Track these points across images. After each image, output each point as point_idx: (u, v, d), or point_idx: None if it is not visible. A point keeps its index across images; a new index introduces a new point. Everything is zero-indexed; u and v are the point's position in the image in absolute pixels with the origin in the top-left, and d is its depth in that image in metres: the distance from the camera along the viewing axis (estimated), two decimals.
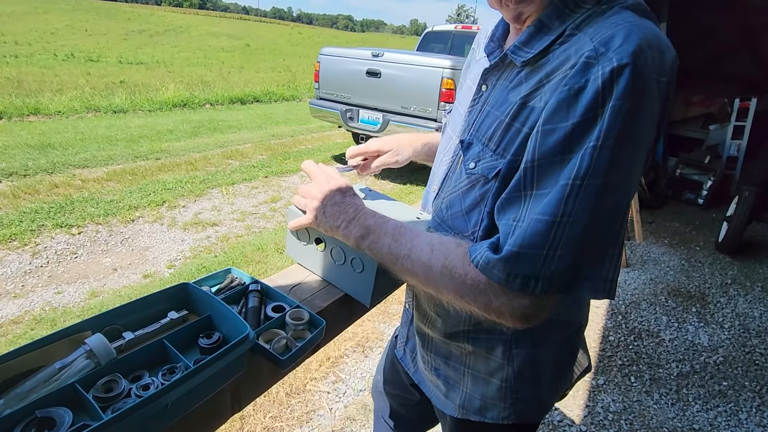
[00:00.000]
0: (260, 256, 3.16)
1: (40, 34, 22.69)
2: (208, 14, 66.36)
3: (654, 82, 0.49)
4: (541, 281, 0.51)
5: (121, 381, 0.56)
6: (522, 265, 0.51)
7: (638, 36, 0.49)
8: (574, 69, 0.50)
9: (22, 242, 3.06)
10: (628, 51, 0.47)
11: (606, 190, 0.49)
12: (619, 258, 0.54)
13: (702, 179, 4.87)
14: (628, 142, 0.49)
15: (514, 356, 0.72)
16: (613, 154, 0.48)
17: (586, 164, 0.49)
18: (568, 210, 0.49)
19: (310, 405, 1.93)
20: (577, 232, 0.50)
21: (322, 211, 0.73)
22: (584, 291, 0.53)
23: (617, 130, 0.48)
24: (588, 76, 0.49)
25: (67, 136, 5.61)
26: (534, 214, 0.51)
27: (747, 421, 2.02)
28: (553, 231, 0.50)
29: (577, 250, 0.50)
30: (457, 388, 0.79)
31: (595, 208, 0.49)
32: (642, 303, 2.95)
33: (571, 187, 0.49)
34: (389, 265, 0.66)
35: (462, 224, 0.67)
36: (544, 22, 0.58)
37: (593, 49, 0.50)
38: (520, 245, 0.51)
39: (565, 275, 0.51)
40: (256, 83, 12.35)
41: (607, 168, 0.49)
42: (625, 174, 0.51)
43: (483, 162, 0.62)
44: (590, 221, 0.50)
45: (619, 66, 0.47)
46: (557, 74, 0.53)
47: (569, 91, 0.50)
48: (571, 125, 0.49)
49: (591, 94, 0.48)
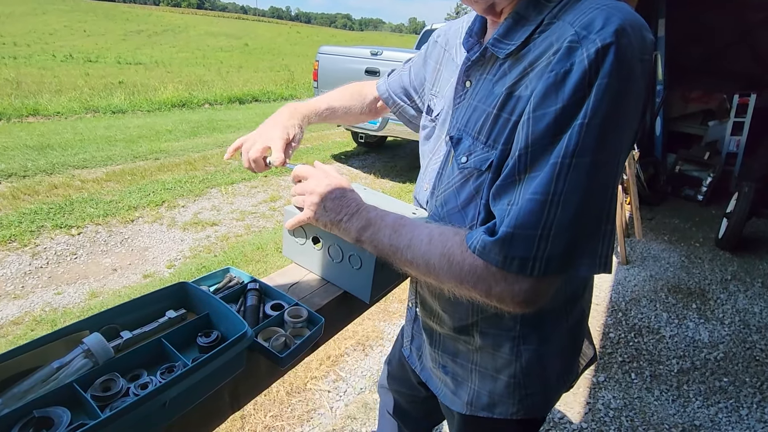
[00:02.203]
0: (260, 256, 3.16)
1: (38, 35, 22.67)
2: (207, 14, 66.28)
3: (638, 61, 0.50)
4: (538, 262, 0.52)
5: (119, 380, 0.56)
6: (518, 246, 0.52)
7: (619, 17, 0.50)
8: (558, 54, 0.51)
9: (22, 243, 3.06)
10: (610, 31, 0.48)
11: (595, 167, 0.50)
12: (612, 234, 0.54)
13: (701, 175, 4.87)
14: (615, 120, 0.50)
15: (522, 352, 0.72)
16: (600, 131, 0.49)
17: (574, 142, 0.49)
18: (559, 189, 0.50)
19: (311, 404, 1.93)
20: (569, 210, 0.50)
21: (322, 206, 0.73)
22: (582, 269, 0.53)
23: (604, 109, 0.49)
24: (573, 59, 0.50)
25: (66, 136, 5.60)
26: (527, 194, 0.52)
27: (748, 417, 2.02)
28: (545, 210, 0.50)
29: (572, 229, 0.51)
30: (465, 384, 0.79)
31: (586, 185, 0.50)
32: (642, 300, 2.95)
33: (561, 165, 0.50)
34: (390, 257, 0.66)
35: (459, 219, 0.67)
36: (521, 13, 0.59)
37: (575, 33, 0.50)
38: (515, 226, 0.52)
39: (562, 254, 0.52)
40: (254, 83, 12.33)
41: (595, 146, 0.49)
42: (613, 152, 0.51)
43: (475, 155, 0.62)
44: (582, 199, 0.50)
45: (603, 46, 0.48)
46: (541, 61, 0.54)
47: (556, 75, 0.51)
48: (560, 108, 0.50)
49: (577, 75, 0.49)
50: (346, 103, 1.03)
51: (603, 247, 0.54)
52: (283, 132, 0.86)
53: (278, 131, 0.86)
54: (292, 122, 0.90)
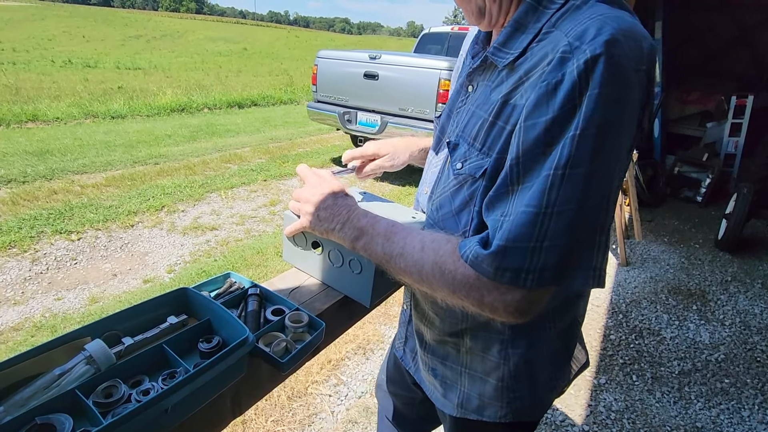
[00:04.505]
0: (260, 260, 3.16)
1: (37, 40, 22.74)
2: (205, 19, 66.51)
3: (632, 71, 0.50)
4: (531, 274, 0.51)
5: (121, 386, 0.56)
6: (511, 259, 0.51)
7: (612, 27, 0.49)
8: (551, 65, 0.51)
9: (22, 249, 3.05)
10: (600, 42, 0.48)
11: (589, 178, 0.50)
12: (606, 246, 0.54)
13: (700, 177, 4.88)
14: (607, 130, 0.50)
15: (510, 356, 0.72)
16: (593, 142, 0.49)
17: (566, 153, 0.49)
18: (552, 200, 0.50)
19: (312, 408, 1.93)
20: (563, 222, 0.50)
21: (316, 215, 0.73)
22: (576, 281, 0.53)
23: (596, 119, 0.49)
24: (564, 70, 0.50)
25: (65, 142, 5.61)
26: (520, 206, 0.52)
27: (750, 419, 2.02)
28: (539, 222, 0.50)
29: (565, 241, 0.51)
30: (455, 387, 0.79)
31: (580, 197, 0.50)
32: (642, 301, 2.95)
33: (554, 177, 0.50)
34: (384, 265, 0.66)
35: (453, 225, 0.67)
36: (519, 21, 0.59)
37: (568, 44, 0.50)
38: (507, 239, 0.51)
39: (556, 267, 0.51)
40: (253, 87, 12.36)
41: (588, 156, 0.49)
42: (607, 162, 0.51)
43: (469, 162, 0.63)
44: (576, 211, 0.50)
45: (592, 57, 0.48)
46: (536, 71, 0.54)
47: (547, 86, 0.51)
48: (551, 118, 0.50)
49: (568, 86, 0.49)
50: None
51: (597, 259, 0.53)
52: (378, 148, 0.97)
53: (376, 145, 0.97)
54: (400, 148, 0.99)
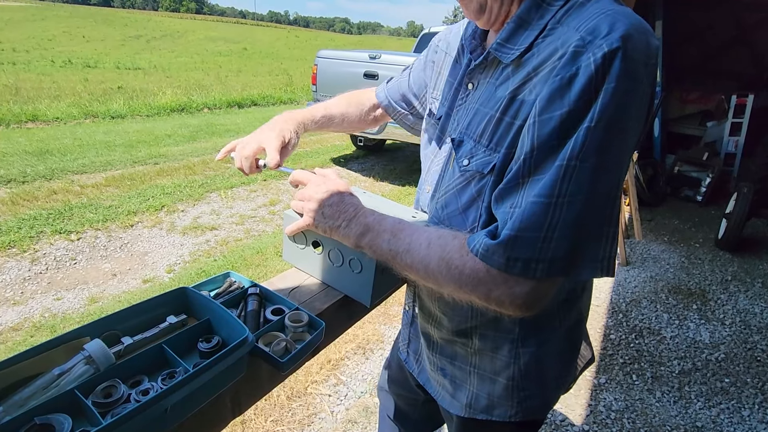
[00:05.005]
0: (260, 260, 3.16)
1: (37, 40, 22.73)
2: (205, 19, 66.51)
3: (643, 66, 0.51)
4: (541, 264, 0.52)
5: (121, 386, 0.55)
6: (521, 249, 0.52)
7: (625, 22, 0.50)
8: (563, 59, 0.51)
9: (21, 249, 3.05)
10: (617, 36, 0.49)
11: (600, 170, 0.50)
12: (615, 236, 0.55)
13: (700, 176, 4.87)
14: (620, 124, 0.50)
15: (521, 355, 0.72)
16: (606, 135, 0.50)
17: (580, 144, 0.50)
18: (563, 190, 0.50)
19: (312, 408, 1.93)
20: (573, 212, 0.50)
21: (321, 213, 0.73)
22: (585, 271, 0.53)
23: (611, 112, 0.49)
24: (579, 63, 0.50)
25: (65, 142, 5.60)
26: (530, 197, 0.52)
27: (750, 418, 2.02)
28: (550, 212, 0.51)
29: (575, 231, 0.51)
30: (464, 387, 0.79)
31: (591, 188, 0.50)
32: (642, 301, 2.95)
33: (566, 167, 0.50)
34: (389, 262, 0.65)
35: (459, 222, 0.67)
36: (523, 17, 0.59)
37: (580, 38, 0.51)
38: (518, 228, 0.52)
39: (565, 257, 0.52)
40: (253, 87, 12.35)
41: (601, 148, 0.50)
42: (617, 155, 0.52)
43: (477, 158, 0.63)
44: (586, 202, 0.50)
45: (610, 51, 0.48)
46: (545, 66, 0.54)
47: (561, 80, 0.51)
48: (566, 112, 0.50)
49: (584, 79, 0.49)
50: (344, 111, 1.01)
51: (606, 249, 0.54)
52: (278, 134, 0.86)
53: (273, 133, 0.86)
54: (288, 127, 0.89)
